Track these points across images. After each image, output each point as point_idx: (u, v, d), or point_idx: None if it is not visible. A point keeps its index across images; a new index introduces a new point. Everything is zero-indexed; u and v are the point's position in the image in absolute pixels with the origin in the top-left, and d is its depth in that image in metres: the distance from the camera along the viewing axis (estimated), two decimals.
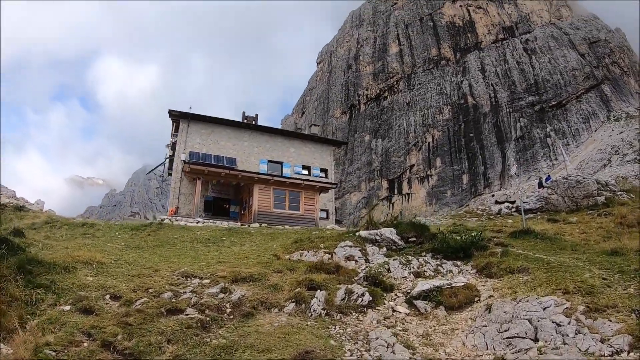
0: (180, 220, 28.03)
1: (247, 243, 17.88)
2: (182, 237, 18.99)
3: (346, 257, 12.81)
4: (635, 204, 24.18)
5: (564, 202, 27.57)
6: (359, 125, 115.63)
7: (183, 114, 37.50)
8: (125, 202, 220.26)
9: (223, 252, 15.65)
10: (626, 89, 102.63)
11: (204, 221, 28.49)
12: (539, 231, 16.71)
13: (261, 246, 16.82)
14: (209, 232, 20.60)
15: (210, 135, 38.33)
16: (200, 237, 19.09)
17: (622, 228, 17.52)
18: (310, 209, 33.75)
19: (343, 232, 16.35)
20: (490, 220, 26.82)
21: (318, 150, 43.20)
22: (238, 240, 18.55)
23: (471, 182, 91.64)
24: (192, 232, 20.52)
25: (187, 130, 37.51)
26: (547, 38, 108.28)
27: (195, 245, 17.19)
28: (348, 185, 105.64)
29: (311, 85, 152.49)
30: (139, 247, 16.67)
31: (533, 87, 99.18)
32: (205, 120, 38.51)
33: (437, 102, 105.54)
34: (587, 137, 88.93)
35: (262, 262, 13.09)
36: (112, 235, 19.35)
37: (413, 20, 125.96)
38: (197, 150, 37.00)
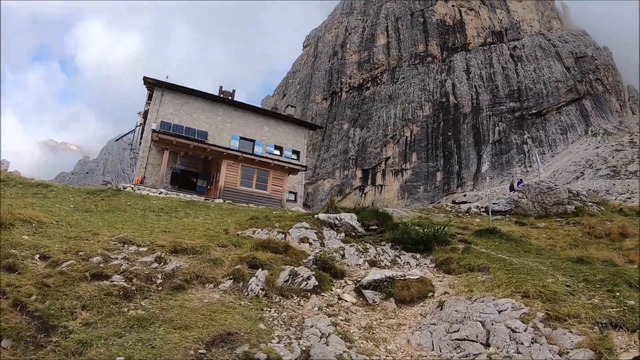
0: (143, 189, 27.09)
1: (202, 216, 17.09)
2: (136, 204, 18.11)
3: (300, 239, 12.00)
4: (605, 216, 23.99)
5: (533, 207, 27.30)
6: (338, 113, 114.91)
7: (158, 82, 36.25)
8: (98, 170, 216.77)
9: (173, 222, 14.80)
10: (607, 107, 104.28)
11: (167, 192, 27.57)
12: (505, 232, 16.23)
13: (215, 220, 16.01)
14: (166, 203, 19.77)
15: (184, 106, 37.19)
16: (154, 206, 18.22)
17: (589, 238, 17.23)
18: (277, 189, 33.01)
19: (302, 214, 15.59)
20: (458, 218, 26.39)
21: (292, 131, 42.35)
22: (193, 212, 17.74)
23: (445, 180, 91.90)
24: (149, 201, 19.66)
25: (160, 99, 36.31)
26: (535, 47, 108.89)
27: (146, 213, 16.33)
28: (322, 172, 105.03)
29: (295, 68, 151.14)
30: (88, 210, 15.80)
31: (515, 94, 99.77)
32: (180, 91, 37.35)
33: (419, 98, 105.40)
34: (564, 148, 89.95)
35: (208, 235, 12.27)
36: (64, 197, 18.41)
37: (404, 14, 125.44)
38: (169, 120, 35.84)
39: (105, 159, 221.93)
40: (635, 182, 62.57)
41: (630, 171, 68.60)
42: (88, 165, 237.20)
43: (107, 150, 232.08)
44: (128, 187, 27.41)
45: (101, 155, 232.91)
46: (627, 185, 61.72)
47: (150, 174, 33.81)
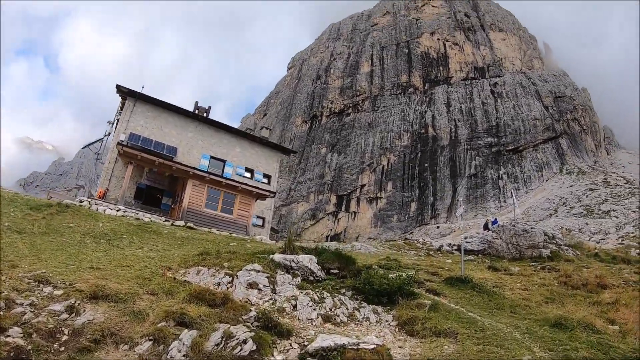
0: (100, 205, 25.48)
1: (148, 246, 15.57)
2: (78, 227, 16.53)
3: (249, 284, 10.59)
4: (581, 261, 23.17)
5: (507, 249, 26.41)
6: (317, 137, 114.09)
7: (131, 91, 34.72)
8: (72, 173, 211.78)
9: (110, 254, 13.26)
10: (582, 146, 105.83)
11: (125, 210, 25.94)
12: (477, 281, 15.04)
13: (160, 253, 14.49)
14: (115, 225, 18.22)
15: (156, 119, 35.67)
16: (99, 230, 16.66)
17: (566, 289, 16.23)
18: (244, 214, 31.52)
19: (258, 252, 14.18)
20: (429, 257, 25.28)
21: (265, 154, 41.06)
22: (140, 240, 16.24)
23: (419, 210, 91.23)
24: (96, 223, 18.08)
25: (132, 110, 34.75)
26: (515, 85, 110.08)
27: (85, 239, 14.74)
28: (297, 195, 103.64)
29: (278, 89, 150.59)
30: (22, 231, 14.18)
31: (493, 129, 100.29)
32: (153, 103, 35.84)
33: (398, 128, 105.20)
34: (538, 185, 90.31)
35: (143, 275, 10.76)
36: (4, 211, 16.68)
37: (390, 43, 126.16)
38: (139, 132, 34.24)
39: (80, 163, 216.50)
40: (608, 221, 62.55)
41: (604, 211, 68.66)
42: (62, 167, 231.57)
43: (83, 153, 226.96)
44: (85, 200, 25.75)
45: (76, 158, 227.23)
46: (600, 224, 61.59)
47: (115, 187, 32.10)
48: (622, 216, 64.39)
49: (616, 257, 25.16)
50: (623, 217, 63.65)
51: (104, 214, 23.16)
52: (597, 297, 14.70)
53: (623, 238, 47.69)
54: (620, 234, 52.94)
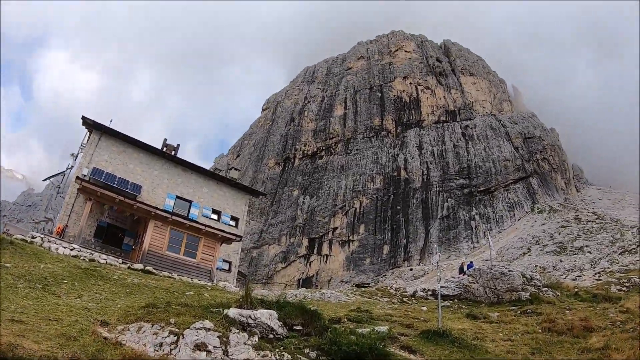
0: (54, 242, 23.70)
1: (90, 293, 13.86)
2: (16, 267, 14.76)
3: (196, 345, 9.06)
4: (563, 302, 22.15)
5: (484, 293, 25.34)
6: (290, 179, 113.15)
7: (97, 124, 33.21)
8: (41, 205, 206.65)
9: (42, 302, 11.56)
10: (552, 185, 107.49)
11: (80, 249, 24.17)
12: (456, 333, 13.75)
13: (101, 303, 12.80)
14: (59, 268, 16.49)
15: (121, 154, 34.12)
16: (38, 272, 14.91)
17: (551, 335, 15.15)
18: (208, 258, 29.89)
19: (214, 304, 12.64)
20: (403, 305, 23.96)
21: (233, 196, 39.64)
22: (82, 286, 14.53)
23: (391, 253, 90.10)
24: (37, 264, 16.34)
25: (97, 143, 33.18)
26: (485, 127, 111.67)
27: (18, 283, 12.95)
28: (268, 237, 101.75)
29: (252, 130, 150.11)
30: None
31: (465, 171, 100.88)
32: (119, 137, 34.33)
33: (371, 171, 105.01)
34: (510, 224, 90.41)
35: (69, 333, 9.15)
36: None
37: (363, 87, 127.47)
38: (103, 167, 32.55)
39: (50, 195, 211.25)
40: (582, 257, 62.50)
41: (577, 247, 68.76)
42: (32, 198, 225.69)
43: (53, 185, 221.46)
44: (37, 237, 23.98)
45: (46, 190, 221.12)
46: (574, 261, 61.42)
47: (74, 224, 30.13)
48: (596, 251, 64.38)
49: (597, 295, 24.21)
50: (597, 253, 63.58)
51: (55, 252, 21.48)
52: (585, 342, 13.71)
53: (599, 274, 47.16)
54: (596, 269, 52.50)
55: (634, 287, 26.51)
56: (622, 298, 21.99)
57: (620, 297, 22.96)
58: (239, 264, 40.20)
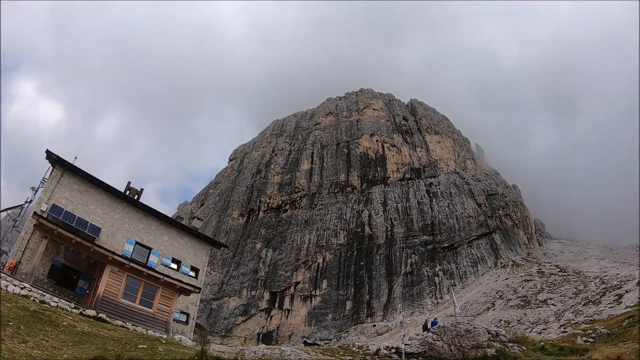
0: (3, 279, 22.42)
1: (35, 340, 12.98)
2: None
3: None
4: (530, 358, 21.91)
5: (449, 351, 25.05)
6: (253, 231, 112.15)
7: (61, 160, 32.01)
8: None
9: None
10: (515, 239, 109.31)
11: (31, 289, 22.96)
12: None
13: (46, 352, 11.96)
14: (5, 308, 15.59)
15: (82, 194, 32.98)
16: None
17: None
18: (165, 309, 28.74)
19: None
20: None
21: (194, 246, 38.66)
22: (28, 332, 13.63)
23: (354, 309, 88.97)
24: None
25: (59, 180, 31.98)
26: (449, 184, 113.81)
27: None
28: (229, 289, 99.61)
29: (218, 180, 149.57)
30: None
31: (429, 227, 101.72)
32: (82, 176, 33.15)
33: (335, 226, 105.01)
34: (474, 280, 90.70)
35: None
36: None
37: (330, 143, 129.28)
38: (62, 205, 31.32)
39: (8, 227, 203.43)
40: (546, 310, 62.86)
41: (541, 300, 69.12)
42: None
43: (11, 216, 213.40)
44: None
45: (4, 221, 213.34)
46: (538, 314, 61.79)
47: (28, 261, 28.58)
48: (560, 304, 64.89)
49: (563, 347, 24.12)
50: (561, 305, 64.08)
51: (4, 290, 20.40)
52: None
53: (565, 326, 47.34)
54: (561, 321, 52.74)
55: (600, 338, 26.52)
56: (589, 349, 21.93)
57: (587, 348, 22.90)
58: (197, 316, 39.00)
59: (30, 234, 29.63)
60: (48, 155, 32.45)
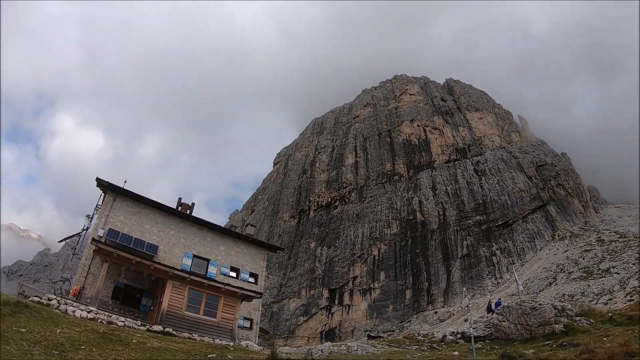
0: (70, 305, 23.33)
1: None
2: (31, 332, 14.42)
3: None
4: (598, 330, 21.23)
5: (516, 330, 24.52)
6: (306, 231, 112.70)
7: (111, 185, 33.50)
8: (58, 265, 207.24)
9: None
10: (570, 209, 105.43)
11: (97, 312, 23.77)
12: None
13: None
14: (75, 332, 16.13)
15: (136, 215, 34.21)
16: (55, 338, 14.52)
17: None
18: (228, 317, 29.31)
19: None
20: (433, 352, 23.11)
21: (250, 252, 39.31)
22: (100, 353, 14.04)
23: (414, 297, 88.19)
24: (54, 328, 16.02)
25: (112, 205, 33.36)
26: (497, 161, 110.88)
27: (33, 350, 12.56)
28: (288, 291, 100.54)
29: (265, 185, 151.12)
30: None
31: (481, 207, 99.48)
32: (134, 198, 34.54)
33: (387, 216, 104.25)
34: (533, 255, 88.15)
35: None
36: None
37: (372, 134, 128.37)
38: (118, 228, 32.65)
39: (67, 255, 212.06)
40: (610, 279, 60.63)
41: (603, 269, 66.70)
42: (48, 257, 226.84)
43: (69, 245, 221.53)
44: (54, 299, 23.60)
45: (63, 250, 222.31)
46: (602, 284, 59.67)
47: (91, 285, 29.86)
48: (624, 271, 62.56)
49: (632, 317, 23.22)
50: (625, 273, 61.78)
51: (72, 316, 21.13)
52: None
53: (631, 294, 45.74)
54: (627, 289, 50.96)
55: None
56: None
57: None
58: (260, 320, 39.42)
59: (90, 260, 30.71)
60: (99, 183, 33.60)
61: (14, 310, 16.49)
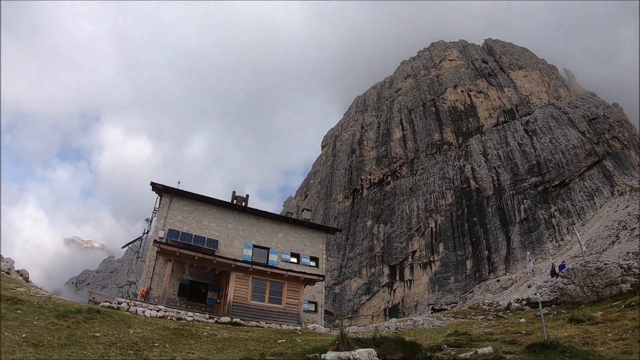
0: (139, 306, 24.30)
1: (182, 354, 13.83)
2: (106, 336, 15.08)
3: None
4: None
5: (583, 293, 24.03)
6: (361, 210, 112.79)
7: (166, 188, 34.74)
8: (123, 269, 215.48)
9: None
10: (628, 162, 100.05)
11: (166, 310, 24.66)
12: (564, 342, 12.90)
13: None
14: (147, 331, 16.77)
15: (193, 213, 35.36)
16: (128, 339, 15.14)
17: None
18: (293, 302, 29.91)
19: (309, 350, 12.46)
20: (500, 320, 22.96)
21: (309, 237, 39.81)
22: (174, 349, 14.57)
23: (475, 267, 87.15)
24: (127, 330, 16.70)
25: (169, 206, 34.58)
26: (547, 118, 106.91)
27: (110, 352, 13.14)
28: (348, 271, 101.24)
29: (315, 169, 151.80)
30: (39, 343, 12.73)
31: (535, 168, 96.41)
32: (189, 197, 35.69)
33: (440, 187, 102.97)
34: (593, 214, 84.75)
35: None
36: (27, 320, 15.31)
37: (416, 105, 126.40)
38: (178, 228, 33.84)
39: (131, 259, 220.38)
40: None
41: None
42: (113, 264, 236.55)
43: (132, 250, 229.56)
44: (123, 302, 24.73)
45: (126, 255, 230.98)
46: None
47: (157, 285, 31.25)
48: None
49: None
50: None
51: (142, 316, 22.05)
52: None
53: None
54: None
55: None
56: None
57: None
58: (324, 303, 39.99)
59: (154, 261, 31.95)
60: (154, 187, 34.72)
61: (86, 317, 17.23)
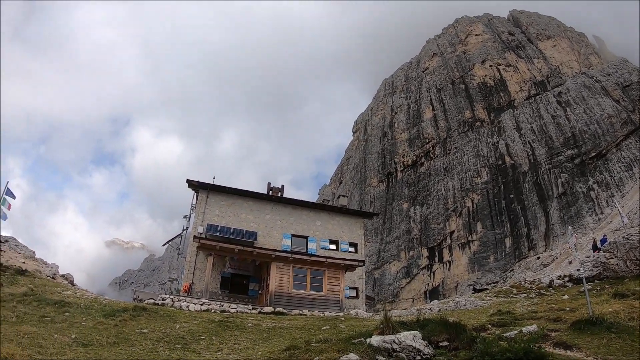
0: (183, 301, 24.93)
1: (228, 345, 14.27)
2: (153, 332, 15.60)
3: None
4: None
5: (626, 267, 23.65)
6: (396, 194, 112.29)
7: (202, 184, 35.54)
8: (164, 267, 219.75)
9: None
10: None
11: (209, 304, 25.23)
12: (610, 318, 12.78)
13: (241, 353, 13.05)
14: (195, 325, 17.27)
15: (231, 207, 36.01)
16: (175, 333, 15.64)
17: None
18: (334, 289, 30.19)
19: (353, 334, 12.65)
20: (542, 298, 22.77)
21: (346, 223, 40.02)
22: (219, 340, 15.00)
23: (514, 245, 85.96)
24: (174, 324, 17.28)
25: (206, 202, 35.36)
26: (579, 88, 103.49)
27: (158, 347, 13.60)
28: (387, 255, 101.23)
29: (348, 155, 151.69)
30: (89, 343, 13.23)
31: (571, 140, 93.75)
32: (225, 192, 36.38)
33: (475, 165, 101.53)
34: (632, 185, 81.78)
35: None
36: (75, 321, 16.03)
37: (445, 84, 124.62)
38: (216, 222, 34.58)
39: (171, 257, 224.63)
40: None
41: None
42: (154, 262, 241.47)
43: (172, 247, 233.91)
44: (167, 298, 25.39)
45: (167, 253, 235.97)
46: None
47: (199, 280, 32.12)
48: None
49: None
50: None
51: (187, 310, 22.67)
52: None
53: None
54: None
55: None
56: None
57: None
58: (365, 288, 40.24)
59: (195, 256, 32.70)
60: (190, 184, 35.47)
61: (133, 315, 17.86)
